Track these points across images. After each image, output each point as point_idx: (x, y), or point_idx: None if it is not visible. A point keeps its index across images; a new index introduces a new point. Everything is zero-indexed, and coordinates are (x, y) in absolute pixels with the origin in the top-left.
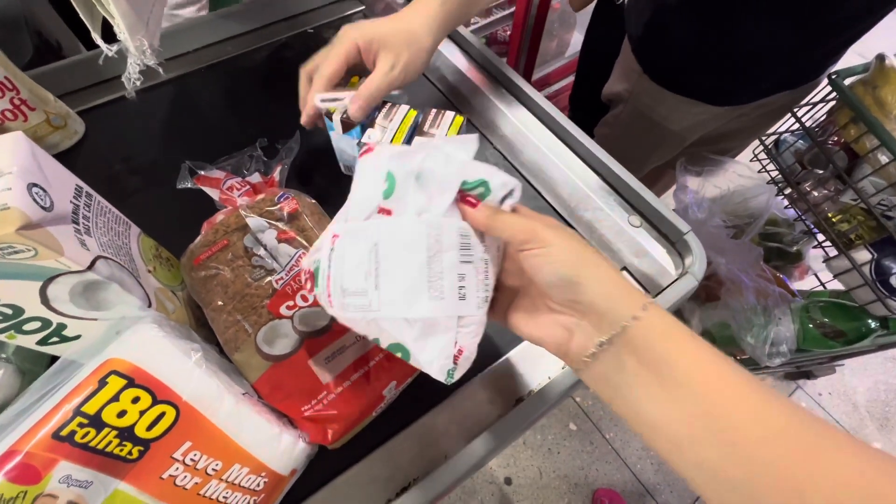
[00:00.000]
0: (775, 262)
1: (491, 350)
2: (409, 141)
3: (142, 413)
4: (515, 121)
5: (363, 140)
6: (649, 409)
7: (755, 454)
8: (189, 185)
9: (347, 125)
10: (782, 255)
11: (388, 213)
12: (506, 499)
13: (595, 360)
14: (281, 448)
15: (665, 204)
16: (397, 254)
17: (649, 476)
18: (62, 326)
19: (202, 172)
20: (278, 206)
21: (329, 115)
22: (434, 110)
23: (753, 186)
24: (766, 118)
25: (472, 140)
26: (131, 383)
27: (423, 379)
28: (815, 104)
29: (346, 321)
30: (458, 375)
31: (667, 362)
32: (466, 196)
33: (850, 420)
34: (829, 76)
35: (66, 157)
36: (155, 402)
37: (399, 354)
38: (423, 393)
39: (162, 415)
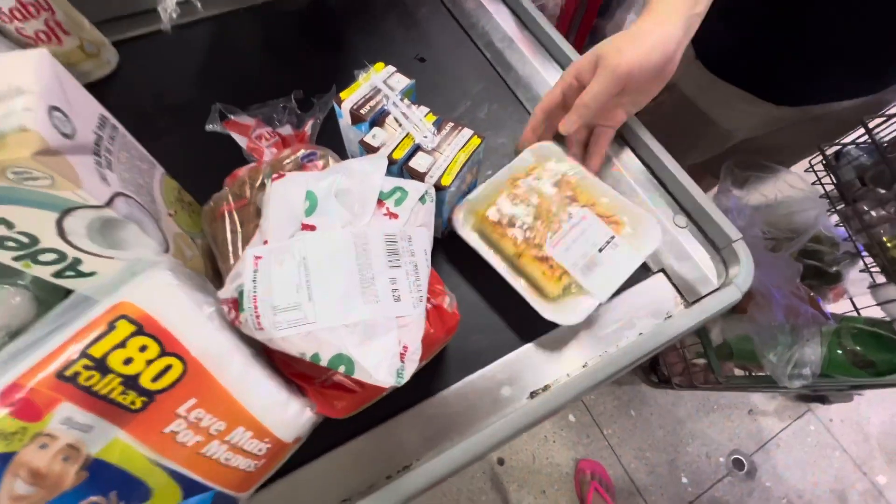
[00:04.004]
0: (809, 281)
1: (507, 339)
2: (465, 173)
3: (148, 363)
4: None
5: (366, 139)
6: None
7: None
8: (218, 129)
9: (357, 117)
10: (819, 274)
11: (313, 228)
12: (496, 478)
13: None
14: (287, 415)
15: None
16: (327, 264)
17: (642, 476)
18: (78, 261)
19: (232, 117)
20: (302, 166)
21: (339, 101)
22: (450, 124)
23: (803, 199)
24: (818, 134)
25: (382, 158)
26: (140, 330)
27: (437, 362)
28: (890, 116)
29: (279, 343)
30: (408, 374)
31: None
32: (385, 204)
33: (859, 450)
34: None
35: (95, 89)
36: (162, 353)
37: (342, 369)
38: (437, 374)
39: (168, 367)
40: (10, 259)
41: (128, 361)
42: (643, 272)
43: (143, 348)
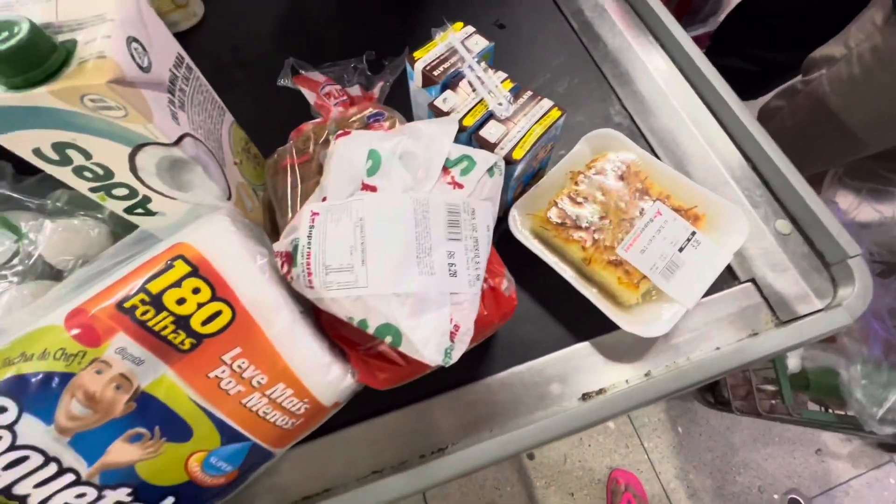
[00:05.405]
0: None
1: (562, 334)
2: (539, 148)
3: (199, 305)
4: (655, 75)
5: (436, 103)
6: None
7: None
8: (288, 84)
9: (428, 79)
10: None
11: (373, 189)
12: (523, 471)
13: None
14: (328, 378)
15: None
16: (384, 228)
17: (681, 498)
18: (147, 199)
19: (303, 72)
20: (368, 125)
21: (412, 60)
22: (529, 93)
23: None
24: None
25: (452, 122)
26: (195, 272)
27: (484, 347)
28: None
29: (328, 303)
30: (456, 355)
31: None
32: (451, 172)
33: None
34: None
35: (181, 39)
36: (213, 297)
37: (388, 340)
38: (482, 359)
39: (218, 313)
40: (87, 189)
41: (181, 301)
42: (729, 279)
43: (195, 290)
